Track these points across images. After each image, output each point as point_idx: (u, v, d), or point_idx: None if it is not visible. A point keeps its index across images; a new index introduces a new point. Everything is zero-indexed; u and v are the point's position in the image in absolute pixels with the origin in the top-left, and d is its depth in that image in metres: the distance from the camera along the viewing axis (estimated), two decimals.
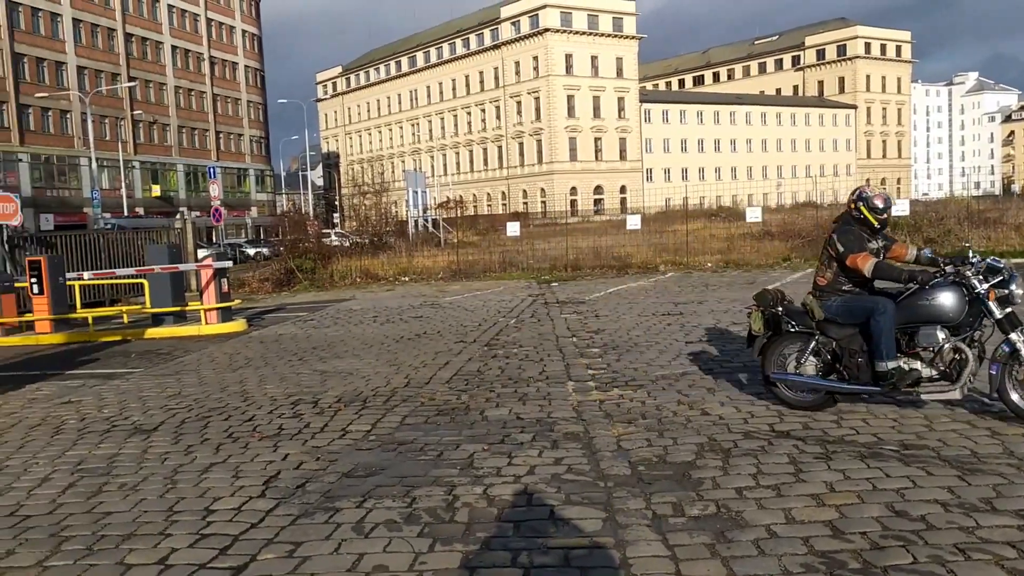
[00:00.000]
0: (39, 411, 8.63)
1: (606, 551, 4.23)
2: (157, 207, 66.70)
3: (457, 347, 11.31)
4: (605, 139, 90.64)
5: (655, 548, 4.24)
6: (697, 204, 62.73)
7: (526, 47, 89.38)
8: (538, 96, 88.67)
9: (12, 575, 4.33)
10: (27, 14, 59.07)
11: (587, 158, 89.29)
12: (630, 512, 4.73)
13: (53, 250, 20.04)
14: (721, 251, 25.37)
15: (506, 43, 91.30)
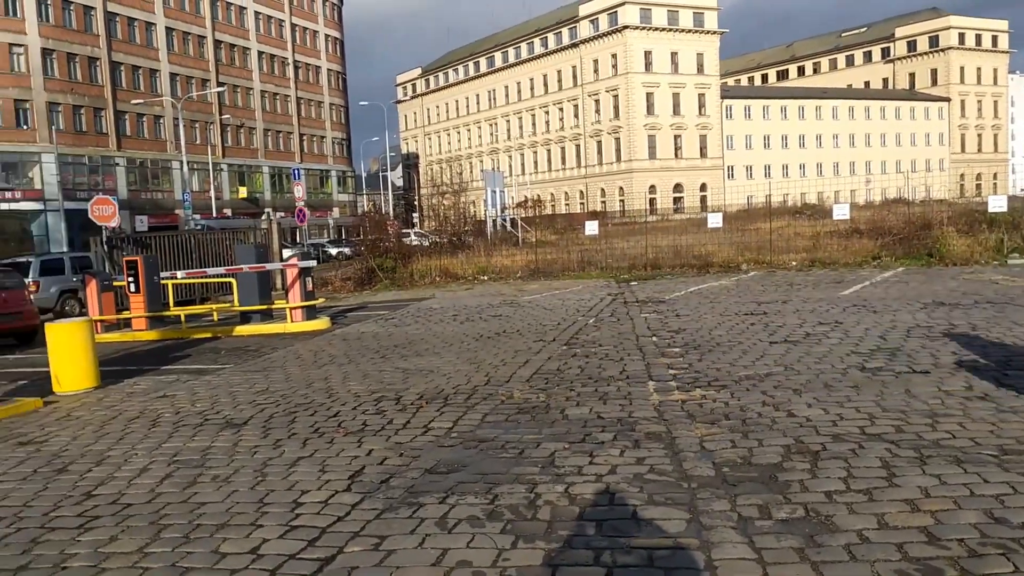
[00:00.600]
0: (137, 404, 9.00)
1: (690, 552, 4.18)
2: (244, 208, 68.72)
3: (536, 346, 11.32)
4: (685, 136, 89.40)
5: (741, 551, 4.17)
6: (781, 201, 61.36)
7: (605, 45, 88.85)
8: (617, 94, 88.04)
9: (116, 560, 4.53)
10: (124, 24, 61.59)
11: (666, 156, 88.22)
12: (715, 514, 4.66)
13: (148, 250, 20.85)
14: (806, 249, 24.74)
15: (584, 41, 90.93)
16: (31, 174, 53.68)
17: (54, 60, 55.48)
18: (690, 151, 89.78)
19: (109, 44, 59.60)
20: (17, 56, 53.49)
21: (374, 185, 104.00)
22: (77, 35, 57.19)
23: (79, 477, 6.22)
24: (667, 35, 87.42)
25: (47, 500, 5.70)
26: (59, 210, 51.99)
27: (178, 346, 14.47)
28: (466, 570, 4.14)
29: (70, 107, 56.34)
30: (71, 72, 56.71)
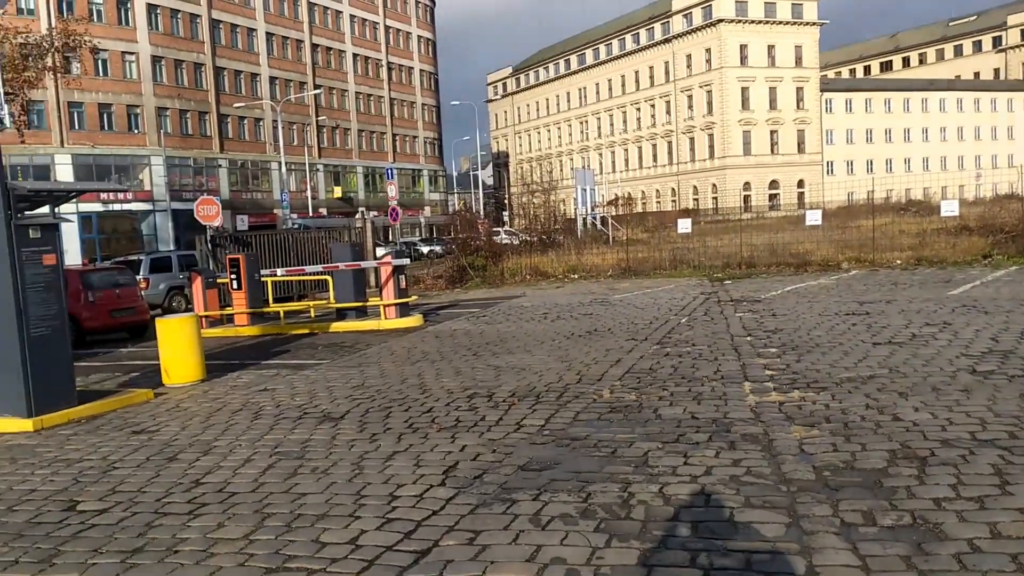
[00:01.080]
0: (240, 397, 9.34)
1: (790, 557, 4.08)
2: (338, 207, 70.44)
3: (628, 344, 11.24)
4: (782, 131, 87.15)
5: (844, 557, 4.04)
6: (884, 198, 59.25)
7: (698, 39, 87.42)
8: (710, 89, 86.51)
9: (223, 546, 4.71)
10: (227, 30, 63.95)
11: (762, 152, 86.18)
12: (816, 519, 4.53)
13: (249, 249, 21.59)
14: (912, 247, 23.80)
15: (677, 36, 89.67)
16: (141, 176, 56.27)
17: (163, 67, 58.03)
18: (787, 147, 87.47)
19: (213, 50, 61.99)
20: (129, 64, 56.15)
21: (465, 184, 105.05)
22: (184, 42, 59.67)
23: (188, 466, 6.49)
24: (764, 28, 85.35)
25: (159, 487, 5.97)
26: (166, 210, 54.38)
27: (277, 341, 14.94)
28: (560, 567, 4.14)
29: (177, 111, 58.82)
30: (178, 78, 59.22)
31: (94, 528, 5.18)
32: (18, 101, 26.21)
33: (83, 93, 50.94)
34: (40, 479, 6.42)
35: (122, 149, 55.14)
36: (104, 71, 54.24)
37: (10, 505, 5.80)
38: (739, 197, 75.97)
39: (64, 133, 52.45)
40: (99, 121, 54.41)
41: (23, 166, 48.38)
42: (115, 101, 55.06)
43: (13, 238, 8.34)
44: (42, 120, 50.66)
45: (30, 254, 8.53)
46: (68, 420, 8.60)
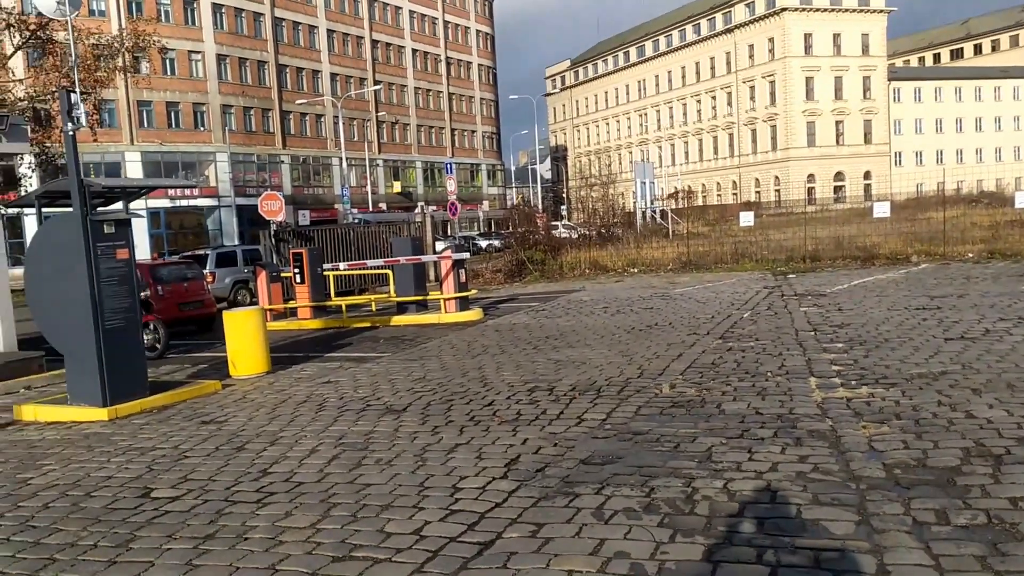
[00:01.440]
0: (304, 389, 9.50)
1: (860, 556, 3.99)
2: (398, 202, 71.12)
3: (690, 339, 11.12)
4: (847, 122, 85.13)
5: (917, 556, 3.94)
6: (954, 189, 57.48)
7: (761, 29, 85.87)
8: (773, 80, 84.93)
9: (291, 534, 4.81)
10: (289, 28, 65.04)
11: (827, 143, 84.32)
12: (887, 517, 4.43)
13: (311, 243, 21.92)
14: (984, 240, 23.04)
15: (739, 26, 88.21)
16: (207, 172, 57.62)
17: (227, 65, 59.28)
18: (853, 137, 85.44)
19: (276, 48, 63.10)
20: (195, 62, 57.50)
21: (523, 178, 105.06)
22: (248, 40, 60.87)
23: (255, 455, 6.64)
24: (829, 16, 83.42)
25: (228, 476, 6.11)
26: (231, 206, 55.60)
27: (340, 335, 15.16)
28: (624, 561, 4.12)
29: (241, 108, 60.05)
30: (242, 76, 60.44)
31: (167, 515, 5.33)
32: (91, 100, 27.04)
33: (152, 92, 52.34)
34: (116, 466, 6.64)
35: (188, 146, 56.54)
36: (171, 70, 55.65)
37: (88, 491, 6.00)
38: (803, 189, 74.37)
39: (134, 131, 53.98)
40: (167, 119, 55.86)
41: (95, 163, 49.93)
42: (182, 99, 56.45)
43: (89, 233, 8.62)
44: (113, 118, 52.21)
45: (104, 248, 8.81)
46: (141, 410, 8.86)
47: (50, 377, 11.26)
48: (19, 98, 25.99)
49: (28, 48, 29.55)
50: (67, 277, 8.73)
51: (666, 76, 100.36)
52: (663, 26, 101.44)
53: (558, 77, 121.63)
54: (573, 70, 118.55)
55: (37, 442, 7.81)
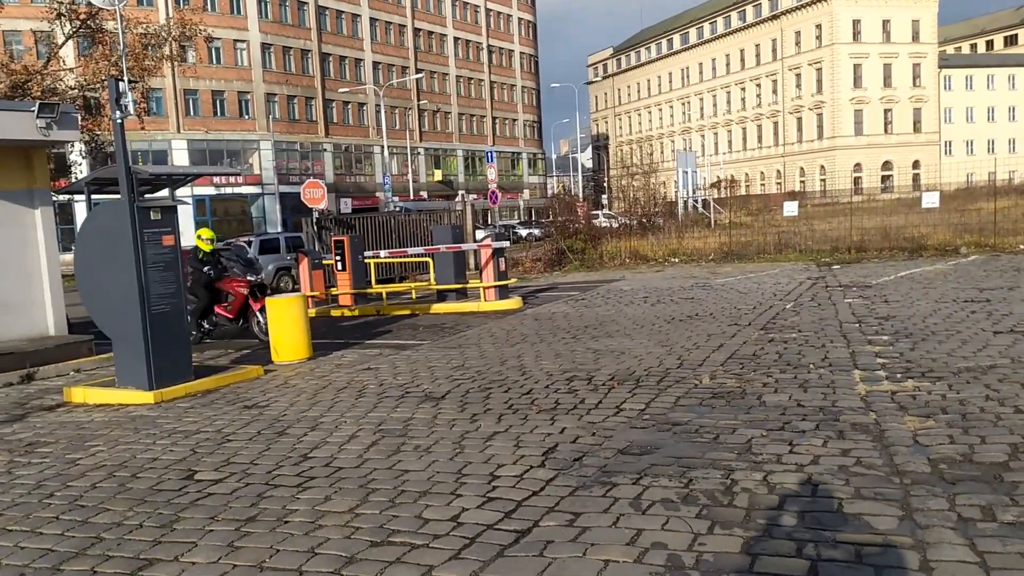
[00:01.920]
0: (344, 375, 9.60)
1: (903, 551, 3.92)
2: (438, 191, 71.37)
3: (731, 330, 11.01)
4: (896, 110, 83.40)
5: (961, 553, 3.86)
6: (1006, 179, 56.06)
7: (808, 15, 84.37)
8: (820, 67, 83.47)
9: (330, 518, 4.86)
10: (332, 17, 65.50)
11: (874, 131, 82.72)
12: (931, 512, 4.34)
13: (353, 231, 22.09)
14: None
15: (786, 12, 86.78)
16: (251, 160, 58.34)
17: (271, 54, 59.88)
18: (901, 126, 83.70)
19: (319, 36, 63.58)
20: (240, 51, 58.17)
21: (564, 167, 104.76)
22: (292, 29, 61.40)
23: (296, 440, 6.72)
24: (878, 2, 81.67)
25: (270, 459, 6.20)
26: (274, 193, 56.24)
27: (380, 322, 15.27)
28: (661, 552, 4.10)
29: (285, 97, 60.66)
30: (286, 64, 61.02)
31: (210, 497, 5.43)
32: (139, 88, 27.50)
33: (198, 80, 53.11)
34: (161, 449, 6.77)
35: (233, 134, 57.28)
36: (217, 59, 56.37)
37: (134, 472, 6.13)
38: (849, 179, 73.09)
39: (180, 119, 54.81)
40: (212, 107, 56.64)
41: (143, 151, 50.83)
42: (227, 88, 57.17)
43: (136, 220, 8.78)
44: (160, 107, 53.08)
45: (151, 235, 8.96)
46: (185, 393, 9.02)
47: (99, 360, 11.51)
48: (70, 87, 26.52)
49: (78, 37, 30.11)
50: (114, 262, 8.90)
51: (710, 64, 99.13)
52: (708, 13, 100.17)
53: (600, 65, 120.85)
54: (616, 58, 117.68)
55: (86, 423, 7.99)
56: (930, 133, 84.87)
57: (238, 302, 13.08)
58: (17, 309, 11.70)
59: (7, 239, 11.63)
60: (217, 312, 13.20)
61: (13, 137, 11.24)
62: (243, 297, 13.00)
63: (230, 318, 13.15)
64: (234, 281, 13.15)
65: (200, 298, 12.93)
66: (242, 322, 13.22)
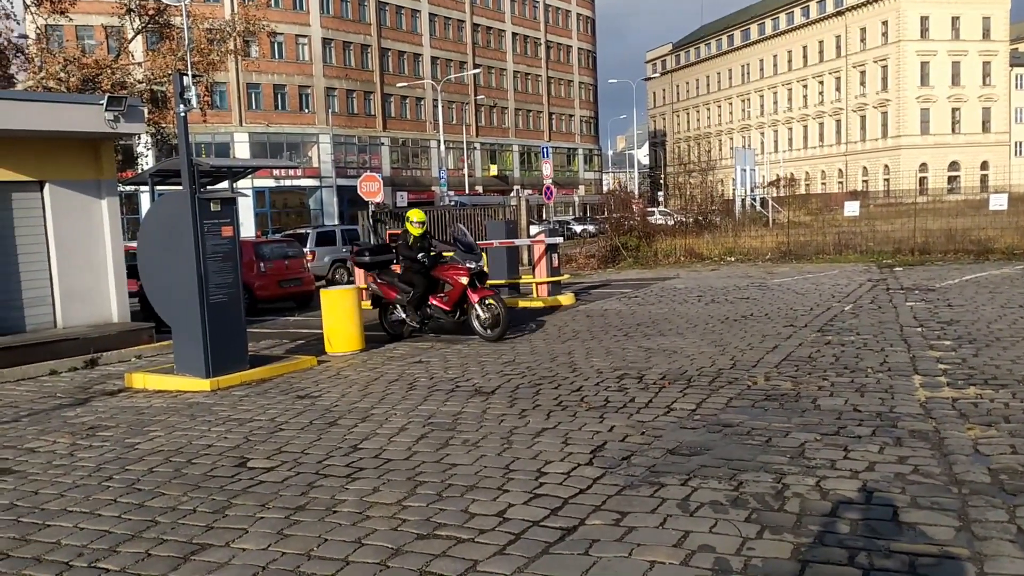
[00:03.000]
0: (396, 368, 9.68)
1: (959, 563, 3.81)
2: (494, 185, 71.54)
3: (786, 331, 10.82)
4: (964, 109, 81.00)
5: (1019, 566, 3.74)
6: None
7: (874, 12, 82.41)
8: (885, 64, 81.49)
9: (377, 510, 4.91)
10: (392, 12, 66.09)
11: (941, 131, 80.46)
12: (989, 524, 4.21)
13: None
14: None
15: (851, 8, 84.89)
16: (310, 153, 59.19)
17: (332, 49, 60.65)
18: (970, 125, 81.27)
19: (379, 32, 64.19)
20: (302, 46, 59.03)
21: (620, 163, 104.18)
22: (352, 24, 62.11)
23: (347, 431, 6.80)
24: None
25: (320, 449, 6.28)
26: (332, 186, 56.99)
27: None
28: (708, 555, 4.04)
29: (344, 91, 61.40)
30: (346, 59, 61.76)
31: (262, 484, 5.52)
32: (203, 82, 28.06)
33: (260, 75, 54.08)
34: (216, 436, 6.91)
35: (293, 128, 58.18)
36: (279, 54, 57.30)
37: (189, 458, 6.27)
38: (914, 179, 71.27)
39: (242, 113, 55.85)
40: (273, 101, 57.59)
41: (206, 143, 51.92)
42: (288, 82, 58.08)
43: (197, 211, 8.97)
44: (223, 100, 54.14)
45: (211, 226, 9.15)
46: (241, 382, 9.19)
47: (159, 347, 11.81)
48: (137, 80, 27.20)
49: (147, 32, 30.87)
50: (175, 252, 9.12)
51: (771, 60, 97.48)
52: (770, 8, 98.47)
53: (659, 61, 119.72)
54: (675, 54, 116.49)
55: (145, 409, 8.20)
56: (999, 133, 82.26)
57: (456, 292, 11.57)
58: (83, 296, 12.06)
59: (75, 229, 11.99)
60: (432, 303, 11.86)
61: (83, 129, 11.58)
62: (461, 287, 11.46)
63: (446, 310, 11.72)
64: (451, 268, 11.65)
65: (416, 286, 11.73)
66: (459, 314, 11.76)
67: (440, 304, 11.79)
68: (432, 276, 11.81)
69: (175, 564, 4.33)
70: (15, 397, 9.23)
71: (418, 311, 11.92)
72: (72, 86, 23.76)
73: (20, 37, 26.22)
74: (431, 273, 11.79)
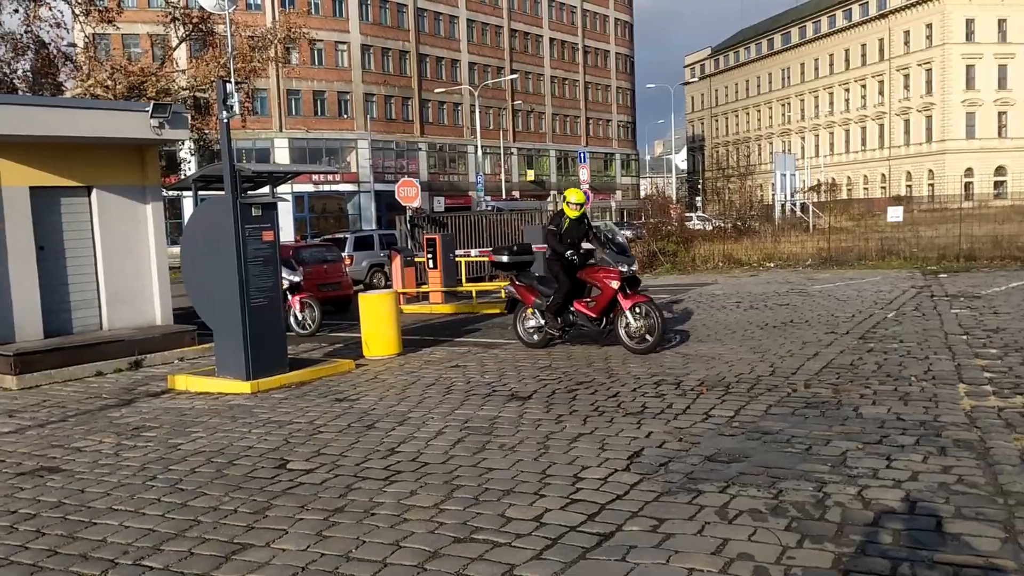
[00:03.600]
0: (433, 372, 9.72)
1: (1005, 575, 3.74)
2: (530, 190, 71.55)
3: (827, 338, 10.67)
4: (1012, 113, 79.23)
5: None
6: None
7: (918, 14, 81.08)
8: (930, 67, 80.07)
9: (415, 512, 4.94)
10: (431, 18, 66.51)
11: (987, 135, 78.82)
12: None
13: (445, 229, 22.36)
14: None
15: (894, 11, 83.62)
16: (348, 159, 59.72)
17: (371, 55, 61.18)
18: (1017, 129, 79.48)
19: (417, 38, 64.62)
20: (341, 52, 59.63)
21: (657, 168, 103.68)
22: (391, 31, 62.60)
23: (384, 434, 6.85)
24: (993, 0, 77.86)
25: (358, 452, 6.34)
26: (370, 191, 57.43)
27: (469, 320, 15.41)
28: (747, 563, 4.01)
29: (382, 97, 61.89)
30: (384, 65, 62.25)
31: (301, 486, 5.58)
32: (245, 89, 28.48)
33: (300, 81, 54.66)
34: (256, 437, 7.00)
35: (332, 133, 58.76)
36: (319, 60, 57.92)
37: (231, 459, 6.36)
38: (959, 184, 69.88)
39: (283, 118, 56.54)
40: (313, 107, 58.23)
41: (247, 149, 52.61)
42: (328, 88, 58.69)
43: (238, 216, 9.11)
44: (264, 107, 54.85)
45: (252, 230, 9.29)
46: (280, 385, 9.30)
47: (201, 350, 11.98)
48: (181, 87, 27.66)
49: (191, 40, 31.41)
50: (217, 256, 9.26)
51: (812, 64, 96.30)
52: (811, 12, 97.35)
53: (697, 66, 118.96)
54: (713, 58, 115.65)
55: (187, 410, 8.34)
56: None
57: (605, 297, 10.38)
58: (128, 299, 12.29)
59: (121, 233, 12.22)
60: (575, 309, 10.59)
61: (129, 136, 11.82)
62: (612, 292, 10.26)
63: (592, 317, 10.48)
64: (602, 271, 10.39)
65: (561, 285, 10.52)
66: (605, 323, 10.55)
67: (585, 310, 10.49)
68: (577, 278, 10.62)
69: (217, 563, 4.40)
70: (63, 397, 9.43)
71: (559, 317, 10.72)
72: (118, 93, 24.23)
73: (69, 46, 26.82)
74: (577, 275, 10.59)
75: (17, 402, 9.30)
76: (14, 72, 24.67)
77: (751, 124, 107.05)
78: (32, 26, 23.78)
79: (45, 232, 11.41)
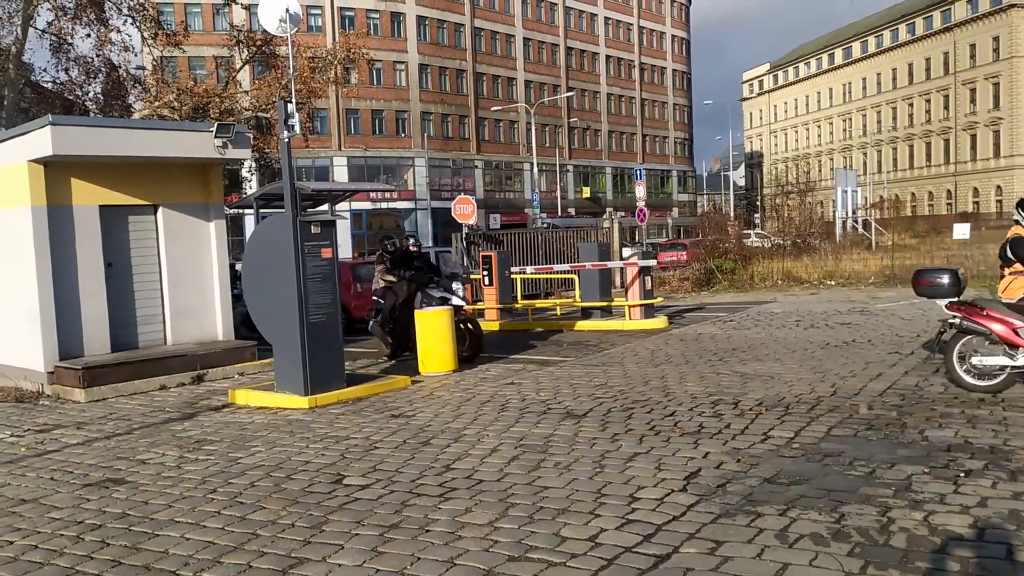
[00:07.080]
0: (488, 389, 9.74)
1: None
2: (586, 207, 71.45)
3: (891, 358, 10.41)
4: None
5: None
6: None
7: (984, 27, 79.11)
8: (997, 81, 77.97)
9: (469, 530, 4.94)
10: (487, 37, 67.16)
11: None
12: None
13: (500, 247, 22.44)
14: None
15: (960, 24, 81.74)
16: (405, 176, 60.47)
17: (428, 74, 61.99)
18: None
19: (474, 56, 65.27)
20: (399, 72, 60.54)
21: (715, 185, 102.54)
22: (448, 50, 63.37)
23: (440, 451, 6.87)
24: None
25: (414, 468, 6.37)
26: (427, 208, 58.01)
27: (524, 337, 15.41)
28: None
29: (439, 116, 62.59)
30: (442, 84, 62.99)
31: (357, 502, 5.63)
32: (305, 109, 29.05)
33: (359, 100, 55.68)
34: (313, 452, 7.09)
35: (390, 151, 59.59)
36: (377, 80, 58.88)
37: (289, 473, 6.45)
38: None
39: (342, 137, 57.55)
40: (371, 126, 59.17)
41: (307, 167, 53.65)
42: (386, 107, 59.59)
43: (298, 233, 9.27)
44: (324, 126, 55.89)
45: (311, 248, 9.44)
46: (337, 400, 9.41)
47: (260, 365, 12.19)
48: (244, 108, 28.36)
49: (253, 63, 32.21)
50: (277, 273, 9.43)
51: (874, 78, 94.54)
52: (873, 26, 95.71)
53: (756, 81, 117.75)
54: (772, 74, 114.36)
55: (247, 424, 8.48)
56: None
57: None
58: (192, 315, 12.58)
59: (185, 250, 12.53)
60: None
61: (194, 155, 12.14)
62: None
63: None
64: None
65: None
66: None
67: None
68: None
69: None
70: (128, 410, 9.69)
71: None
72: (184, 114, 24.94)
73: (138, 68, 27.74)
74: None
75: (85, 414, 9.57)
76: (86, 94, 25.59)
77: (811, 140, 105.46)
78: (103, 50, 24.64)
79: (113, 249, 11.75)
